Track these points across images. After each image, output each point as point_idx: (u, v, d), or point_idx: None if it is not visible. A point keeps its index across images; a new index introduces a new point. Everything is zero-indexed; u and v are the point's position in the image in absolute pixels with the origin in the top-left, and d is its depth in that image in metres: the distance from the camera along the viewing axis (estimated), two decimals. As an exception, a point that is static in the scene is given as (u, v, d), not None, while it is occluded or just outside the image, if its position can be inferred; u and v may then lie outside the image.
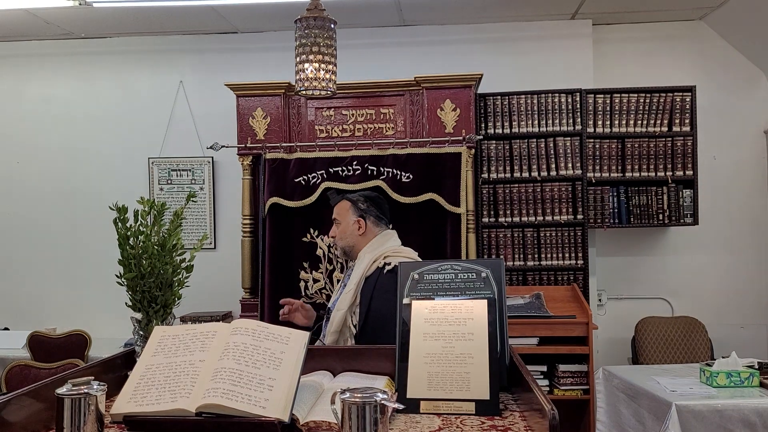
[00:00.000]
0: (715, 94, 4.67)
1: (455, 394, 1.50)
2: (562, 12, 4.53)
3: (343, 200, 2.65)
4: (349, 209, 2.61)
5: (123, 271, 1.77)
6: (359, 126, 4.10)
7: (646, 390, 3.06)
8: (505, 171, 4.37)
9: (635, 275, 4.73)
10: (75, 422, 1.25)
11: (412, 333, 1.62)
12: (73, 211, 4.98)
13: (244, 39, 4.87)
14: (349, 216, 2.60)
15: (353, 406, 1.19)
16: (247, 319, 1.58)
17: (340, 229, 2.61)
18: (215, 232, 4.88)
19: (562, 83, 4.45)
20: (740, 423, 2.76)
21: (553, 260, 4.32)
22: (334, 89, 2.27)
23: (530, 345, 3.75)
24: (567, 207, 4.33)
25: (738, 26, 4.57)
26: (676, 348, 4.38)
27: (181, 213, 1.85)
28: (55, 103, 5.03)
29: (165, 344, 1.50)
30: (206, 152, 4.62)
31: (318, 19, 2.17)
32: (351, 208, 2.61)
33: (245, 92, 4.12)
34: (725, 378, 3.00)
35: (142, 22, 4.64)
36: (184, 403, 1.32)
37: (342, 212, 2.62)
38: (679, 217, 4.37)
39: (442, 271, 1.81)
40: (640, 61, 4.72)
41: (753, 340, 4.58)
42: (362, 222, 2.58)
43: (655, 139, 4.36)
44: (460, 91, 3.95)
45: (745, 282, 4.68)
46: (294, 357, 1.45)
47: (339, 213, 2.63)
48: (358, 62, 4.44)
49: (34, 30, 4.78)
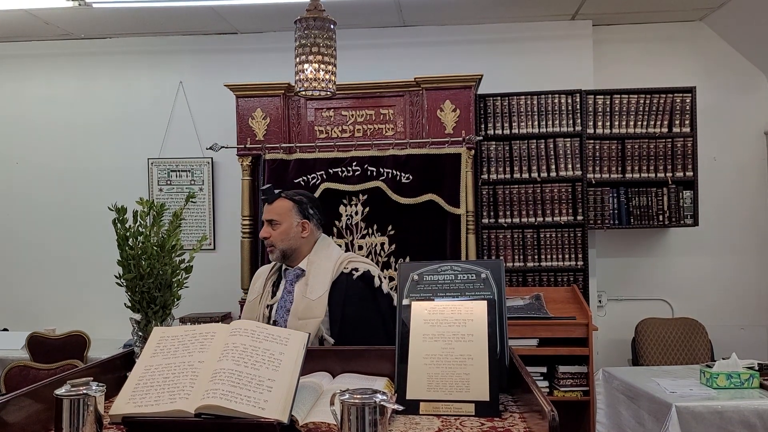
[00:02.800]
0: (715, 95, 4.67)
1: (455, 395, 1.50)
2: (562, 12, 4.53)
3: (282, 199, 2.46)
4: (292, 210, 2.45)
5: (122, 271, 1.77)
6: (359, 127, 4.10)
7: (646, 391, 3.06)
8: (504, 172, 4.36)
9: (635, 276, 4.72)
10: (74, 423, 1.24)
11: (411, 334, 1.62)
12: (72, 212, 4.98)
13: (243, 40, 4.87)
14: (292, 217, 2.44)
15: (352, 407, 1.19)
16: (247, 320, 1.57)
17: (280, 231, 2.41)
18: (214, 233, 4.87)
19: (562, 84, 4.45)
20: (740, 424, 2.75)
21: (553, 261, 4.32)
22: (334, 90, 2.26)
23: (530, 346, 3.75)
24: (567, 208, 4.33)
25: (738, 27, 4.57)
26: (676, 349, 4.38)
27: (181, 214, 1.85)
28: (55, 104, 5.03)
29: (164, 345, 1.50)
30: (206, 153, 4.62)
31: (318, 19, 2.17)
32: (294, 208, 2.45)
33: (245, 93, 4.12)
34: (725, 379, 3.00)
35: (142, 22, 4.64)
36: (183, 404, 1.32)
37: (283, 213, 2.44)
38: (679, 218, 4.37)
39: (441, 272, 1.81)
40: (640, 61, 4.72)
41: (753, 341, 4.58)
42: (307, 224, 2.44)
43: (655, 140, 4.36)
44: (460, 91, 3.95)
45: (745, 283, 4.68)
46: (293, 358, 1.44)
47: (279, 213, 2.44)
48: (358, 63, 4.44)
49: (33, 30, 4.78)
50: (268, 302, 2.44)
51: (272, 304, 2.43)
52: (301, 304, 2.34)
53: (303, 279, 2.41)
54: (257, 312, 2.43)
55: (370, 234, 3.86)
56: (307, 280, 2.38)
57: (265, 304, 2.44)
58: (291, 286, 2.42)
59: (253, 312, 2.45)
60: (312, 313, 2.31)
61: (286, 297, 2.40)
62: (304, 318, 2.30)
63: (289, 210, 2.44)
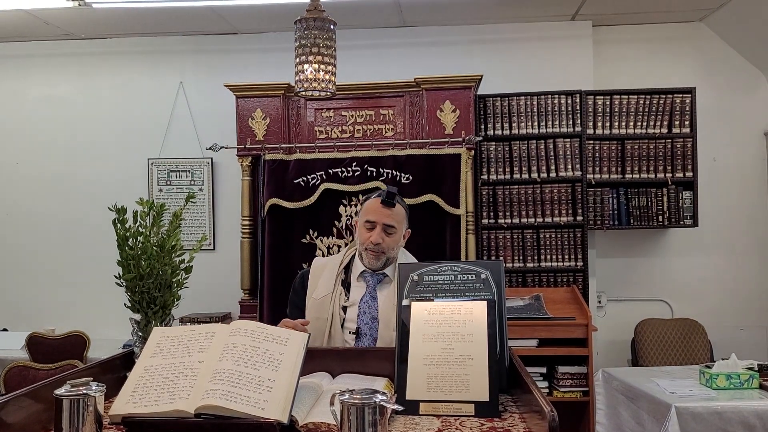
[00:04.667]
0: (714, 95, 4.67)
1: (454, 395, 1.50)
2: (562, 13, 4.53)
3: (399, 205, 2.26)
4: (405, 217, 2.29)
5: (122, 272, 1.76)
6: (359, 127, 4.10)
7: (646, 392, 3.05)
8: (504, 172, 4.37)
9: (635, 277, 4.72)
10: (74, 423, 1.25)
11: (411, 334, 1.62)
12: (72, 212, 4.98)
13: (243, 40, 4.87)
14: (404, 225, 2.28)
15: (352, 408, 1.19)
16: (246, 321, 1.58)
17: (395, 238, 2.24)
18: (214, 233, 4.87)
19: (561, 84, 4.45)
20: (740, 425, 2.75)
21: (553, 262, 4.32)
22: (334, 90, 2.26)
23: (530, 347, 3.75)
24: (567, 208, 4.33)
25: (738, 28, 4.57)
26: (675, 350, 4.38)
27: (180, 214, 1.85)
28: (55, 104, 5.03)
29: (164, 345, 1.50)
30: (206, 153, 4.62)
31: (318, 20, 2.17)
32: (406, 216, 2.30)
33: (245, 93, 4.12)
34: (725, 380, 3.00)
35: (142, 22, 4.64)
36: (183, 405, 1.32)
37: (401, 220, 2.26)
38: (678, 218, 4.37)
39: (441, 272, 1.81)
40: (640, 62, 4.72)
41: (753, 342, 4.58)
42: (408, 233, 2.32)
43: (654, 140, 4.36)
44: (460, 92, 3.96)
45: (744, 284, 4.68)
46: (293, 358, 1.45)
47: (398, 220, 2.24)
48: (358, 63, 4.44)
49: (34, 30, 4.78)
50: (344, 303, 2.25)
51: (347, 305, 2.24)
52: (390, 314, 2.17)
53: (390, 286, 2.25)
54: (328, 312, 2.21)
55: (369, 234, 3.85)
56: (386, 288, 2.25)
57: (340, 304, 2.24)
58: (375, 291, 2.25)
59: (323, 311, 2.22)
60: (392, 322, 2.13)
61: (370, 303, 2.23)
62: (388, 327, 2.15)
63: (404, 217, 2.29)
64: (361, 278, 2.29)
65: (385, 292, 2.25)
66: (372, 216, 2.23)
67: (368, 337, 2.20)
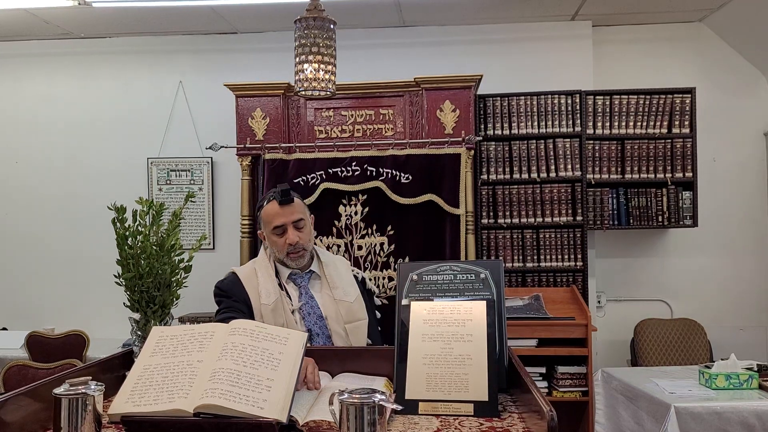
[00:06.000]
0: (714, 95, 4.67)
1: (454, 395, 1.50)
2: (561, 13, 4.53)
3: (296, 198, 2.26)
4: (305, 206, 2.32)
5: (121, 271, 1.76)
6: (358, 127, 4.09)
7: (645, 392, 3.05)
8: (504, 172, 4.36)
9: (634, 277, 4.72)
10: (72, 422, 1.24)
11: (410, 334, 1.62)
12: (71, 211, 4.98)
13: (243, 39, 4.87)
14: (308, 212, 2.30)
15: (351, 407, 1.19)
16: (246, 320, 1.57)
17: (307, 231, 2.24)
18: (214, 233, 4.87)
19: (561, 84, 4.45)
20: (739, 425, 2.75)
21: (553, 262, 4.32)
22: (334, 90, 2.26)
23: (529, 346, 3.75)
24: (566, 208, 4.33)
25: (738, 28, 4.57)
26: (675, 350, 4.38)
27: (180, 213, 1.84)
28: (55, 103, 5.03)
29: (163, 344, 1.50)
30: (205, 152, 4.62)
31: (317, 19, 2.17)
32: (305, 205, 2.33)
33: (244, 93, 4.12)
34: (724, 380, 3.00)
35: (141, 22, 4.64)
36: (182, 404, 1.32)
37: (303, 209, 2.27)
38: (678, 218, 4.37)
39: (441, 272, 1.81)
40: (640, 62, 4.72)
41: (752, 342, 4.58)
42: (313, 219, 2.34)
43: (654, 140, 4.36)
44: (460, 92, 3.95)
45: (744, 284, 4.68)
46: (292, 358, 1.44)
47: (302, 210, 2.26)
48: (358, 63, 4.44)
49: (33, 30, 4.78)
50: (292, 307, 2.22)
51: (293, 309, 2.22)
52: (332, 308, 2.20)
53: (320, 282, 2.28)
54: (284, 319, 2.16)
55: (369, 234, 3.86)
56: (331, 282, 2.26)
57: (290, 309, 2.21)
58: (309, 291, 2.26)
59: (278, 317, 2.17)
60: (356, 316, 2.21)
61: (310, 302, 2.22)
62: (352, 322, 2.19)
63: (305, 206, 2.31)
64: (290, 281, 2.27)
65: (317, 288, 2.27)
66: (277, 220, 2.22)
67: (321, 336, 2.18)
